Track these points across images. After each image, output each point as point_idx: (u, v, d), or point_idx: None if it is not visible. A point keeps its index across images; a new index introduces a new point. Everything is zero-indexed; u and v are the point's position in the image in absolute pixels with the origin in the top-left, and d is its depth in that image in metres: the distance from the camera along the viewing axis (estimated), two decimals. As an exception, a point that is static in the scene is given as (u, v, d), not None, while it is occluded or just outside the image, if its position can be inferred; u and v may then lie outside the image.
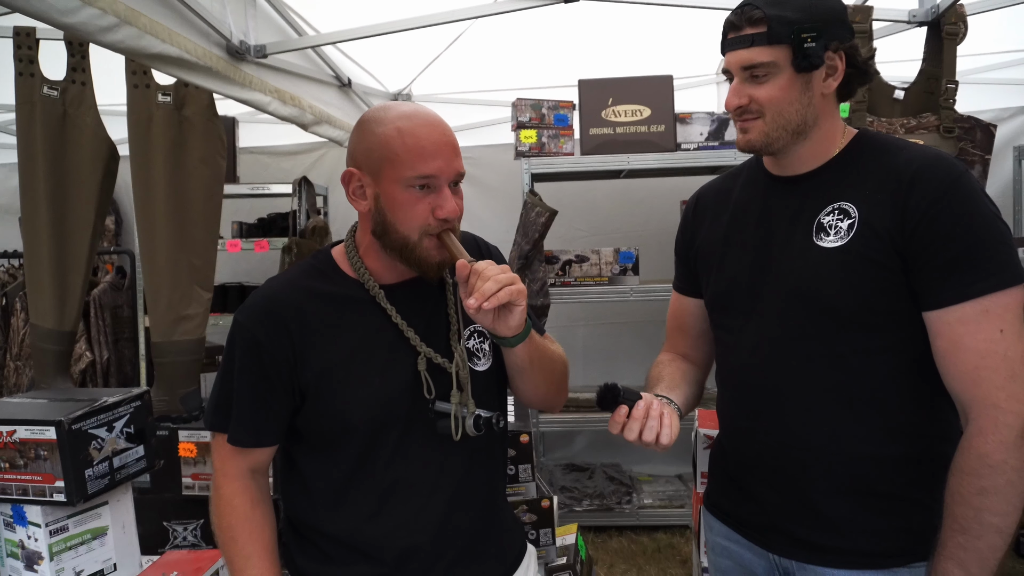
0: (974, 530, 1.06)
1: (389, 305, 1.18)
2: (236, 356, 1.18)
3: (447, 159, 1.12)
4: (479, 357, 1.25)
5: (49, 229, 2.43)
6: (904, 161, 1.15)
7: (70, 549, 1.46)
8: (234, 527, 1.20)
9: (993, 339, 1.06)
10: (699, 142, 3.31)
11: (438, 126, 1.14)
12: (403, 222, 1.12)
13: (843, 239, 1.15)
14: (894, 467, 1.16)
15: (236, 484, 1.21)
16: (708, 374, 1.49)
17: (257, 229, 3.98)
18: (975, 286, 1.07)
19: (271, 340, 1.15)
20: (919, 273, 1.11)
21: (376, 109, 1.18)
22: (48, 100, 2.37)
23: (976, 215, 1.09)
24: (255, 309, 1.18)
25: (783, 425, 1.22)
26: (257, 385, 1.17)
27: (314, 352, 1.15)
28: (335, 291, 1.20)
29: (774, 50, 1.15)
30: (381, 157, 1.12)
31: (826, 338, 1.17)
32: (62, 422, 1.39)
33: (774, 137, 1.20)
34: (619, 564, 3.27)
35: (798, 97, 1.18)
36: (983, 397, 1.07)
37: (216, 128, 2.50)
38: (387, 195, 1.13)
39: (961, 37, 2.19)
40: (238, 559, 1.19)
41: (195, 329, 2.49)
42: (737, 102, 1.20)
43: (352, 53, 3.36)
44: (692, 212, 1.45)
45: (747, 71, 1.18)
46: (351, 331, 1.18)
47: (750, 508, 1.29)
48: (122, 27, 1.67)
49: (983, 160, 2.17)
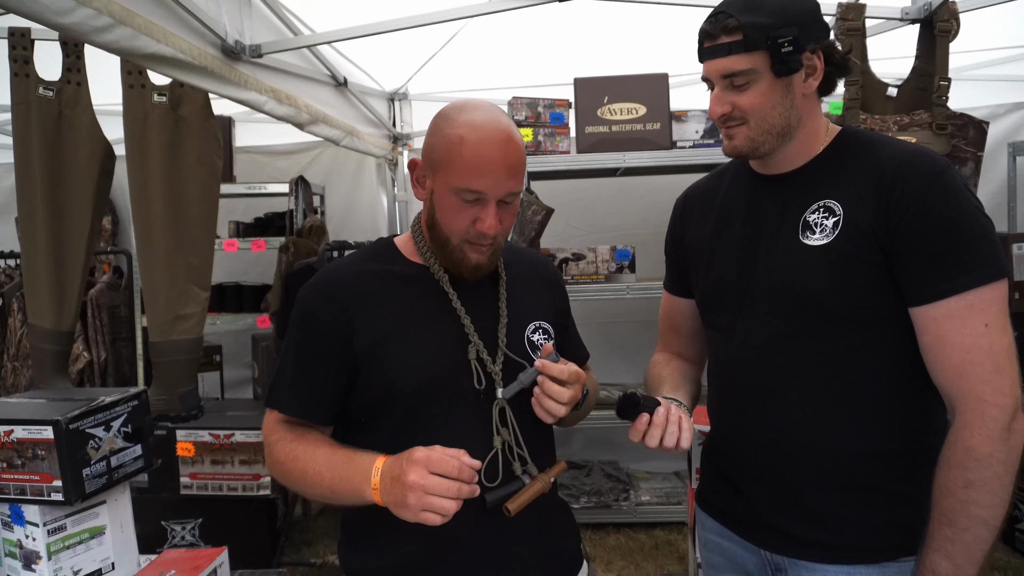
0: (961, 522, 1.07)
1: (451, 290, 1.21)
2: (294, 331, 1.22)
3: (498, 180, 1.12)
4: (539, 351, 1.24)
5: (46, 229, 2.43)
6: (886, 157, 1.15)
7: (68, 548, 1.46)
8: (291, 450, 1.18)
9: (978, 333, 1.07)
10: (694, 140, 3.32)
11: (499, 144, 1.12)
12: (447, 224, 1.17)
13: (829, 237, 1.16)
14: (882, 462, 1.17)
15: (283, 433, 1.22)
16: (702, 371, 1.50)
17: (254, 228, 3.98)
18: (959, 281, 1.07)
19: (326, 311, 1.18)
20: (903, 269, 1.11)
21: (453, 106, 1.19)
22: (44, 100, 2.38)
23: (959, 210, 1.09)
24: (314, 285, 1.22)
25: (771, 421, 1.23)
26: (310, 357, 1.20)
27: (369, 323, 1.18)
28: (397, 271, 1.24)
29: (752, 57, 1.15)
30: (440, 159, 1.15)
31: (813, 335, 1.18)
32: (59, 422, 1.39)
33: (760, 142, 1.21)
34: (617, 561, 3.27)
35: (780, 101, 1.18)
36: (969, 391, 1.08)
37: (212, 128, 2.50)
38: (439, 194, 1.17)
39: (953, 34, 2.20)
40: (308, 462, 1.16)
41: (193, 328, 2.49)
42: (720, 111, 1.21)
43: (348, 52, 3.36)
44: (680, 212, 1.46)
45: (727, 79, 1.19)
46: (410, 304, 1.20)
47: (740, 504, 1.29)
48: (117, 27, 1.67)
49: (976, 157, 2.18)
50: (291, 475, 1.18)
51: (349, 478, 1.10)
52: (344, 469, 1.12)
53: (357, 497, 1.10)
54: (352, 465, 1.11)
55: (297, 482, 1.18)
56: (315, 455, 1.16)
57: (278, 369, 1.25)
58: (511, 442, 1.17)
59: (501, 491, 1.14)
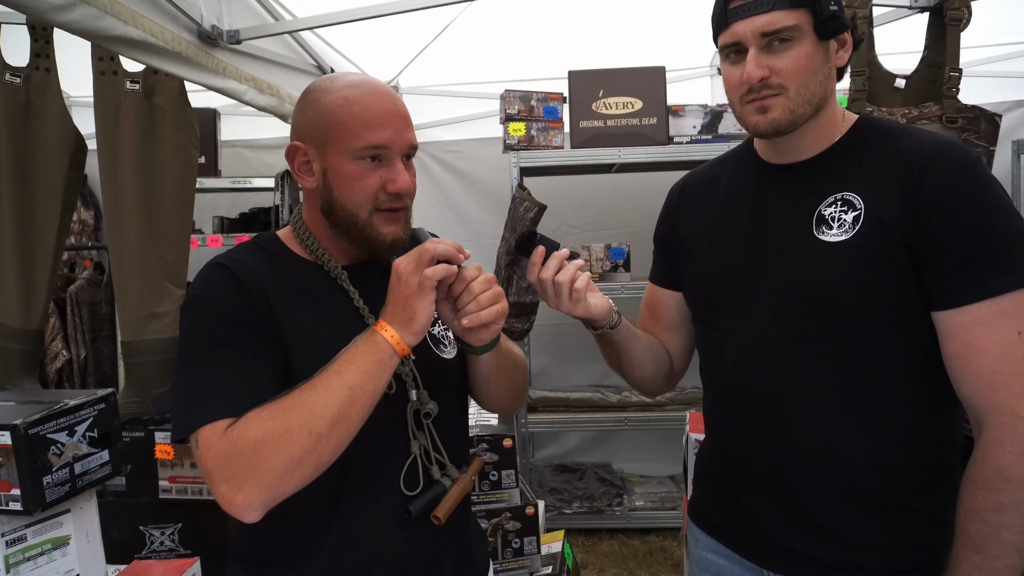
0: (991, 549, 0.99)
1: (352, 288, 1.10)
2: (201, 332, 1.00)
3: (398, 129, 1.05)
4: (444, 344, 1.18)
5: (13, 223, 2.33)
6: (913, 147, 1.06)
7: (29, 560, 1.40)
8: (271, 415, 0.92)
9: (1011, 341, 0.99)
10: (692, 135, 3.25)
11: (388, 95, 1.07)
12: (351, 197, 1.05)
13: (848, 233, 1.07)
14: (899, 476, 1.09)
15: (240, 424, 0.95)
16: (680, 369, 1.41)
17: (239, 224, 3.90)
18: (992, 284, 0.99)
19: (239, 296, 1.01)
20: (931, 269, 1.03)
21: (322, 79, 1.11)
22: (10, 87, 2.28)
23: (995, 207, 1.01)
24: (208, 282, 1.03)
25: (780, 430, 1.14)
26: (240, 337, 0.98)
27: (285, 313, 1.03)
28: (292, 267, 1.10)
29: (797, 13, 1.06)
30: (327, 128, 1.05)
31: (828, 338, 1.09)
32: (17, 426, 1.33)
33: (799, 114, 1.10)
34: (609, 568, 3.21)
35: (821, 68, 1.09)
36: (1000, 404, 0.99)
37: (188, 117, 2.41)
38: (334, 168, 1.05)
39: (965, 23, 2.12)
40: (303, 401, 0.93)
41: (167, 327, 2.40)
42: (760, 73, 1.08)
43: (335, 42, 3.29)
44: (676, 201, 1.37)
45: (767, 38, 1.07)
46: (311, 304, 1.07)
47: (742, 520, 1.21)
48: (79, 6, 1.57)
49: (987, 151, 2.11)
50: (289, 441, 0.90)
51: (360, 355, 0.95)
52: (348, 356, 0.96)
53: (379, 364, 0.95)
54: (353, 347, 0.97)
55: (299, 439, 0.91)
56: (305, 391, 0.93)
57: (187, 384, 0.98)
58: (428, 446, 1.09)
59: (423, 499, 1.07)
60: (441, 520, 1.07)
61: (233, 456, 0.90)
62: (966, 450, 1.08)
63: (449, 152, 4.08)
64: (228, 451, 0.91)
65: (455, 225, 3.96)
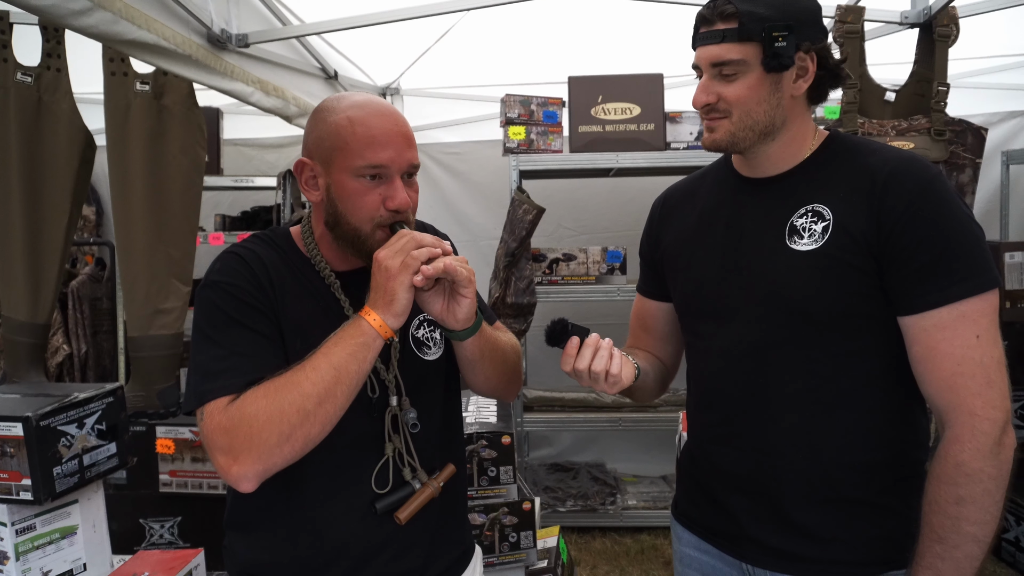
0: (952, 539, 1.05)
1: (343, 296, 1.17)
2: (216, 311, 1.08)
3: (398, 149, 1.10)
4: (429, 346, 1.23)
5: (22, 219, 2.37)
6: (877, 163, 1.12)
7: (37, 549, 1.43)
8: (263, 393, 1.01)
9: (969, 345, 1.05)
10: (688, 141, 3.30)
11: (390, 116, 1.12)
12: (354, 213, 1.11)
13: (818, 242, 1.13)
14: (869, 473, 1.15)
15: (238, 400, 1.03)
16: (672, 373, 1.46)
17: (240, 222, 3.93)
18: (951, 290, 1.05)
19: (251, 283, 1.11)
20: (894, 277, 1.09)
21: (330, 98, 1.16)
22: (22, 86, 2.31)
23: (951, 218, 1.07)
24: (225, 268, 1.12)
25: (755, 431, 1.20)
26: (249, 317, 1.08)
27: (287, 305, 1.13)
28: (295, 268, 1.18)
29: (744, 47, 1.12)
30: (332, 146, 1.11)
31: (800, 343, 1.15)
32: (29, 418, 1.36)
33: (740, 137, 1.18)
34: (602, 565, 3.25)
35: (767, 97, 1.15)
36: (960, 404, 1.05)
37: (196, 117, 2.45)
38: (338, 185, 1.11)
39: (953, 39, 2.18)
40: (294, 380, 1.01)
41: (173, 323, 2.44)
42: (705, 99, 1.18)
43: (339, 45, 3.32)
44: (658, 213, 1.43)
45: (716, 68, 1.16)
46: (312, 303, 1.16)
47: (721, 517, 1.26)
48: (95, 11, 1.62)
49: (974, 164, 2.16)
50: (280, 417, 0.99)
51: (346, 338, 1.03)
52: (335, 339, 1.04)
53: (363, 346, 1.03)
54: (340, 330, 1.05)
55: (289, 415, 0.99)
56: (296, 371, 1.01)
57: (201, 357, 1.07)
58: (402, 450, 1.16)
59: (391, 498, 1.15)
60: (402, 521, 1.13)
61: (231, 429, 1.00)
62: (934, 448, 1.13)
63: (449, 154, 4.12)
64: (227, 425, 1.00)
65: (454, 226, 3.99)
